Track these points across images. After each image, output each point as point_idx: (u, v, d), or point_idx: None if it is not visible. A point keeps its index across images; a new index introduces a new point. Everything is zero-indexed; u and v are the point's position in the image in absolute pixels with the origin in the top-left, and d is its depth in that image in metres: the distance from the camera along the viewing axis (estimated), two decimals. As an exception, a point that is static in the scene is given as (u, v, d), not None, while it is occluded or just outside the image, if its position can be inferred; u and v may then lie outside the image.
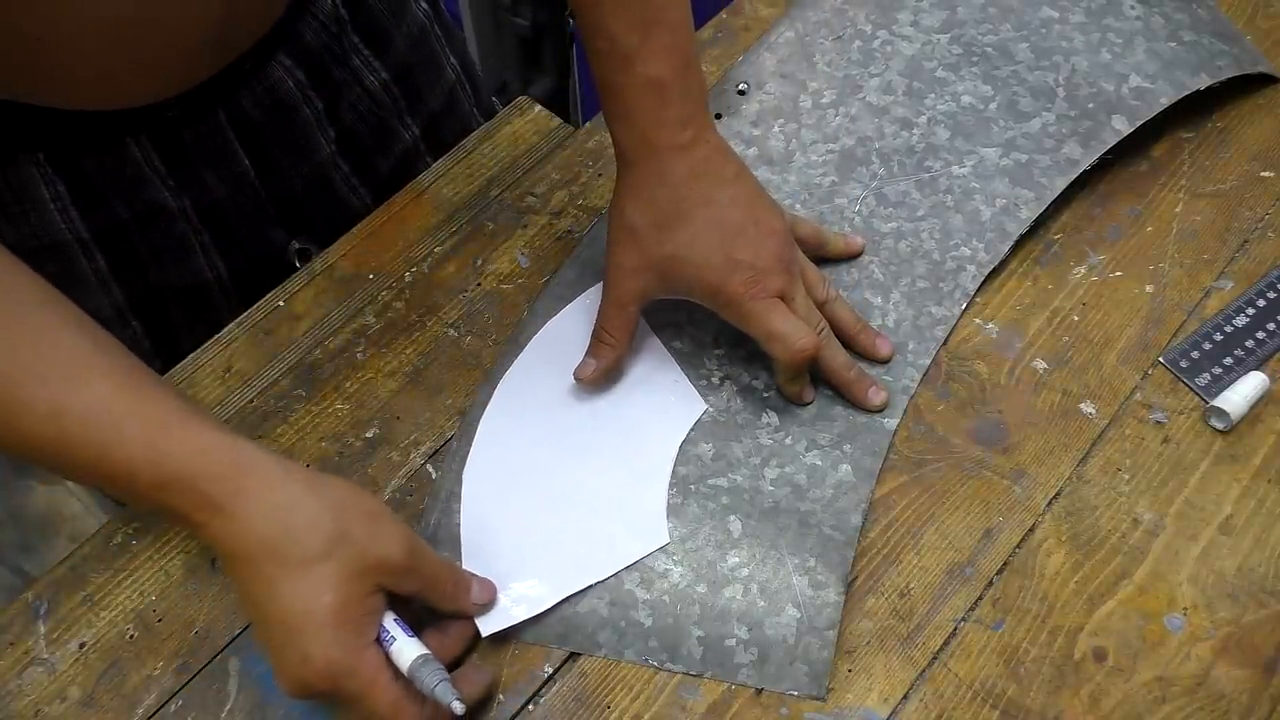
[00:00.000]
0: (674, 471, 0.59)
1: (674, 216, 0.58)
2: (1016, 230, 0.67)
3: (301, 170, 0.72)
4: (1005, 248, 0.66)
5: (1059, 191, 0.68)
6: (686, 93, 0.58)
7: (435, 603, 0.53)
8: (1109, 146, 0.69)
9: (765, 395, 0.62)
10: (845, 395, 0.61)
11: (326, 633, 0.47)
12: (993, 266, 0.66)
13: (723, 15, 0.80)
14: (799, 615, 0.55)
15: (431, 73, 0.79)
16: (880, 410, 0.61)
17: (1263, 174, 0.70)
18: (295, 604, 0.47)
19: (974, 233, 0.67)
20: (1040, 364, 0.63)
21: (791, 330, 0.57)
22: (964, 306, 0.65)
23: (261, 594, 0.48)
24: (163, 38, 0.59)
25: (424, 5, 0.77)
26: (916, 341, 0.64)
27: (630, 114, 0.58)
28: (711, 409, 0.62)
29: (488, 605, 0.54)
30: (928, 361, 0.63)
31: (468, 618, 0.54)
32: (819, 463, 0.59)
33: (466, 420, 0.62)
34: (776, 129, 0.72)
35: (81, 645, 0.56)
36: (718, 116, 0.73)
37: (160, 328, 0.71)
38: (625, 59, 0.57)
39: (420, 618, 0.53)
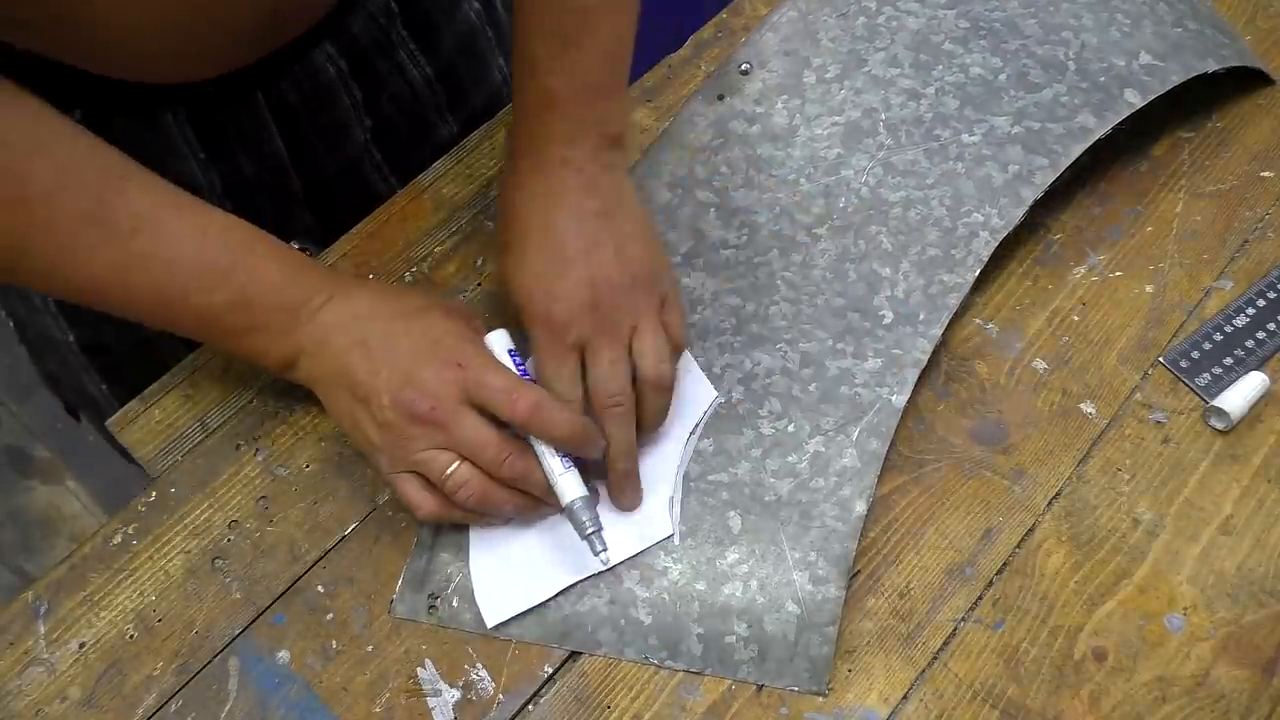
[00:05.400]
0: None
1: (515, 237, 0.58)
2: (1031, 195, 0.66)
3: (334, 156, 0.73)
4: (1020, 213, 0.65)
5: (1074, 158, 0.67)
6: (578, 116, 0.57)
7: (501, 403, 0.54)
8: (1124, 117, 0.68)
9: (767, 381, 0.61)
10: (607, 485, 0.58)
11: (455, 331, 0.55)
12: (1007, 232, 0.65)
13: (723, 15, 0.80)
14: (799, 611, 0.55)
15: (478, 72, 0.79)
16: (630, 509, 0.58)
17: (1263, 174, 0.70)
18: (421, 325, 0.55)
19: (986, 199, 0.66)
20: (1040, 364, 0.63)
21: (555, 388, 0.55)
22: (977, 273, 0.64)
23: (386, 332, 0.54)
24: (211, 24, 0.59)
25: (476, 5, 0.78)
26: (928, 311, 0.63)
27: (517, 120, 0.59)
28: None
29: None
30: (939, 331, 0.62)
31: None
32: (822, 449, 0.59)
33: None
34: (780, 105, 0.71)
35: (81, 645, 0.56)
36: (720, 98, 0.72)
37: None
38: (531, 67, 0.57)
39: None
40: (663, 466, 0.59)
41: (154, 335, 0.70)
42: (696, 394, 0.61)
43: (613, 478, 0.57)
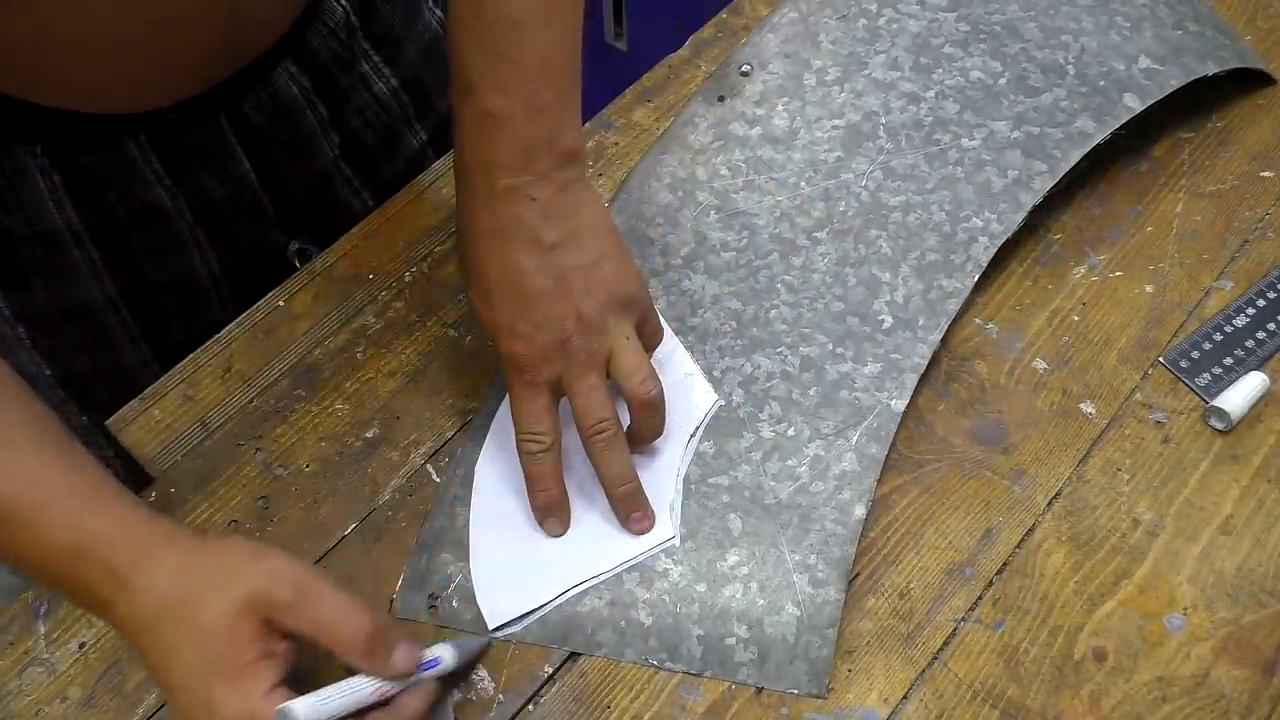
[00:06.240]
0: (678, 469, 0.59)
1: (477, 275, 0.56)
2: (1031, 201, 0.66)
3: (303, 174, 0.72)
4: (1019, 218, 0.65)
5: (1073, 164, 0.67)
6: (523, 137, 0.53)
7: (343, 655, 0.48)
8: (1122, 122, 0.68)
9: (767, 385, 0.61)
10: (612, 509, 0.58)
11: (220, 686, 0.45)
12: (1006, 237, 0.65)
13: (723, 15, 0.80)
14: (799, 614, 0.55)
15: (443, 79, 0.78)
16: (642, 533, 0.57)
17: (1263, 174, 0.70)
18: (192, 661, 0.46)
19: (986, 204, 0.66)
20: (1040, 364, 0.63)
21: (527, 429, 0.55)
22: (976, 279, 0.64)
23: (164, 661, 0.46)
24: (166, 50, 0.59)
25: (437, 12, 0.77)
26: (927, 316, 0.63)
27: (460, 144, 0.55)
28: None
29: (406, 675, 0.49)
30: (938, 337, 0.62)
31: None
32: (822, 453, 0.59)
33: (473, 424, 0.62)
34: (780, 107, 0.71)
35: (81, 645, 0.56)
36: (720, 99, 0.72)
37: (151, 318, 0.71)
38: (466, 87, 0.54)
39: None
40: (663, 469, 0.59)
41: (130, 364, 0.70)
42: (696, 397, 0.61)
43: (614, 505, 0.57)
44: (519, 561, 0.57)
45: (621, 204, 0.68)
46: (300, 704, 0.45)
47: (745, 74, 0.73)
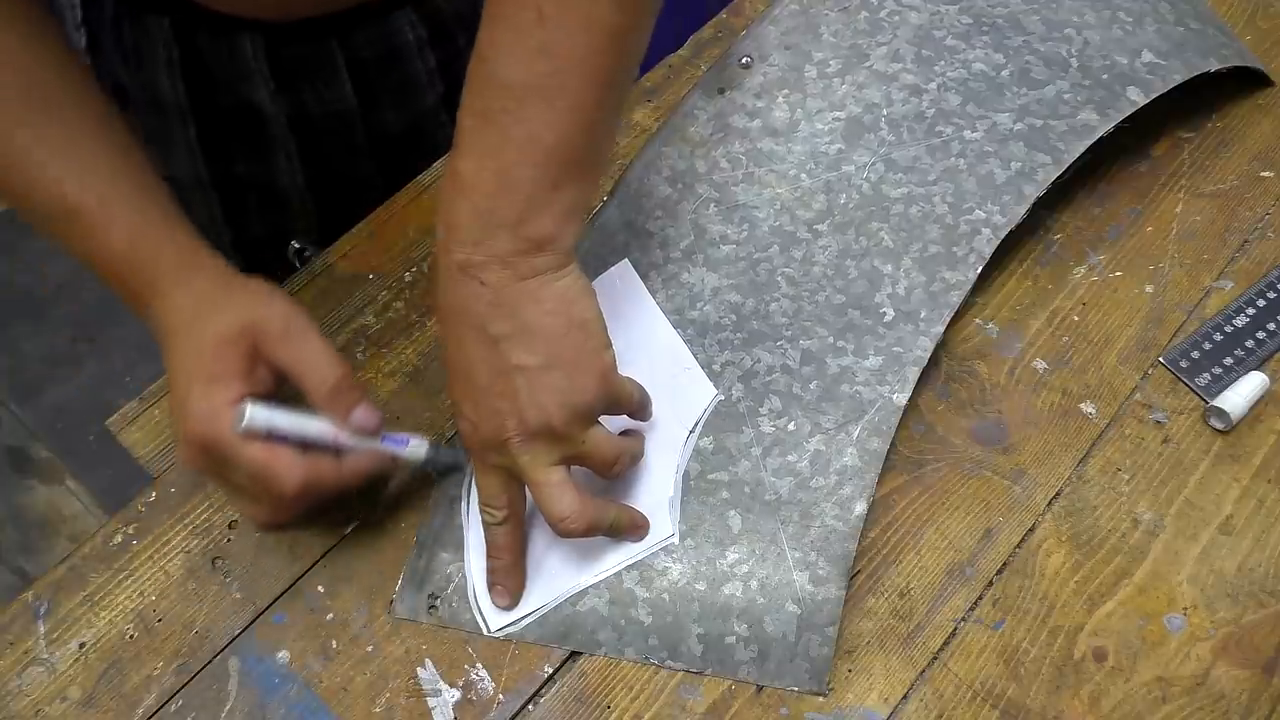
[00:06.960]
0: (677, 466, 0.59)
1: (441, 336, 0.54)
2: (1034, 192, 0.65)
3: (402, 113, 0.75)
4: (1022, 210, 0.65)
5: (1076, 156, 0.67)
6: (486, 210, 0.50)
7: (311, 396, 0.53)
8: (1126, 115, 0.68)
9: (767, 379, 0.61)
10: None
11: (196, 387, 0.51)
12: (1009, 229, 0.64)
13: (723, 15, 0.80)
14: (799, 611, 0.55)
15: None
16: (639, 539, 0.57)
17: (1263, 174, 0.70)
18: (185, 365, 0.52)
19: (989, 196, 0.66)
20: (1040, 364, 0.63)
21: (483, 500, 0.55)
22: (979, 270, 0.63)
23: (170, 364, 0.53)
24: None
25: None
26: (929, 309, 0.63)
27: (438, 202, 0.52)
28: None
29: (363, 433, 0.53)
30: (941, 329, 0.62)
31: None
32: (823, 448, 0.59)
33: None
34: (780, 99, 0.71)
35: (81, 645, 0.56)
36: (720, 91, 0.72)
37: (234, 205, 0.75)
38: (454, 143, 0.51)
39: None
40: (662, 466, 0.59)
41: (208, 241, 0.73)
42: (695, 392, 0.61)
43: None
44: None
45: (621, 197, 0.68)
46: (254, 404, 0.51)
47: (745, 66, 0.72)
